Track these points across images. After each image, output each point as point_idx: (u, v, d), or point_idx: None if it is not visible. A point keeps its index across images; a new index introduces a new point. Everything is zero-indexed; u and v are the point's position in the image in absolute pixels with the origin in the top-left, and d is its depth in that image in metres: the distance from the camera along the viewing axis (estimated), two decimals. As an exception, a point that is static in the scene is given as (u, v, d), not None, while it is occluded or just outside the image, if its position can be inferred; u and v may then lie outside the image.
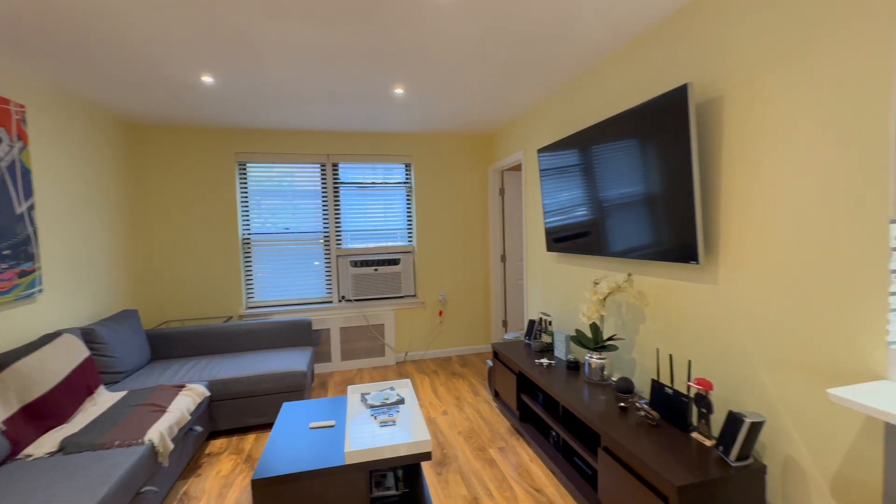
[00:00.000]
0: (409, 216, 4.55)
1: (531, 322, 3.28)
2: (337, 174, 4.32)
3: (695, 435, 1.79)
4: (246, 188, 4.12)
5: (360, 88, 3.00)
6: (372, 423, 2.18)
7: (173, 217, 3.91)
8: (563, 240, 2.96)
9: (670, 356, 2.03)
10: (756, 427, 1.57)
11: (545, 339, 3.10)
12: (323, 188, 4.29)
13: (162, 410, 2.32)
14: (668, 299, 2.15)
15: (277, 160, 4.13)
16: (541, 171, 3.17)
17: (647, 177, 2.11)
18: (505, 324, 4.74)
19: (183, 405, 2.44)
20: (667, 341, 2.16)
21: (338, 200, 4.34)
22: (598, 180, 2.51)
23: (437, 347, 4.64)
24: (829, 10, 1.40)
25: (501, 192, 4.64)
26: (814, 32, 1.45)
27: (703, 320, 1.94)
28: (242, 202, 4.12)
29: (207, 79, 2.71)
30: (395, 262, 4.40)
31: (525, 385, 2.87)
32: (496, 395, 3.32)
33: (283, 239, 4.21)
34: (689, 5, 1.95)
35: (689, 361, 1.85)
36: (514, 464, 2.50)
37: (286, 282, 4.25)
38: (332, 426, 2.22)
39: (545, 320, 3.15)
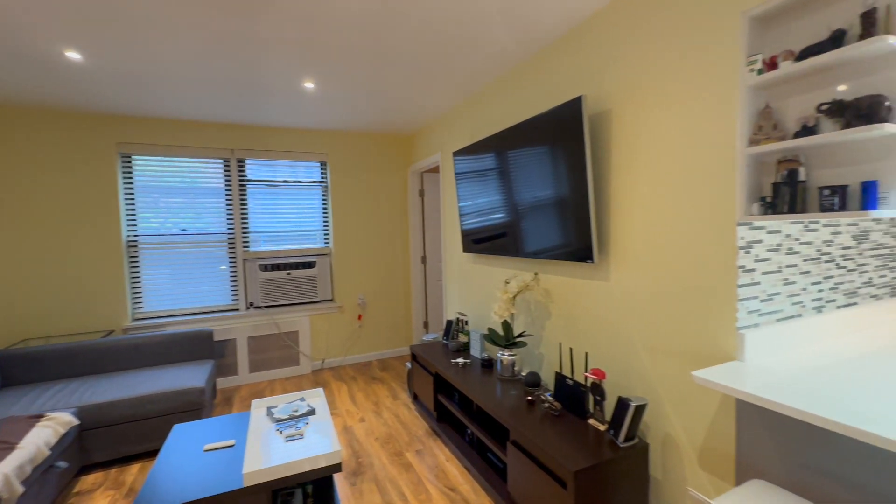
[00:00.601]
0: (325, 217, 4.36)
1: (449, 322, 3.32)
2: (243, 171, 3.99)
3: (591, 421, 1.94)
4: (132, 184, 3.63)
5: (266, 80, 2.80)
6: (277, 438, 2.03)
7: (34, 216, 3.30)
8: (479, 241, 3.04)
9: (570, 349, 2.17)
10: (640, 410, 1.73)
11: (462, 338, 3.16)
12: (227, 186, 3.93)
13: (9, 448, 1.93)
14: (569, 296, 2.30)
15: (171, 153, 3.70)
16: (456, 173, 3.22)
17: (550, 182, 2.24)
18: (426, 325, 4.75)
19: (39, 439, 2.06)
20: (569, 335, 2.31)
21: (244, 199, 4.01)
22: (507, 184, 2.61)
23: (356, 353, 4.50)
24: (691, 39, 1.60)
25: (421, 193, 4.65)
26: (679, 58, 1.65)
27: (598, 314, 2.11)
28: (127, 200, 3.62)
29: (73, 55, 2.33)
30: (310, 265, 4.19)
31: (442, 385, 2.89)
32: (415, 397, 3.31)
33: (178, 241, 3.78)
34: (583, 25, 2.11)
35: (586, 353, 1.99)
36: (431, 465, 2.50)
37: (184, 289, 3.82)
38: (232, 446, 2.03)
39: (462, 320, 3.21)
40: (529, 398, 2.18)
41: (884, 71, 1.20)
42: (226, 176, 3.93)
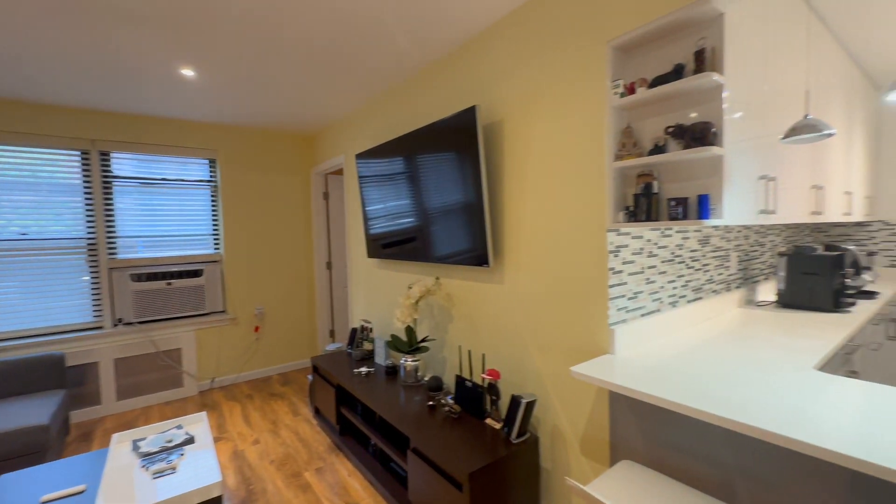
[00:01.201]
0: (215, 220, 3.94)
1: (353, 330, 3.20)
2: (108, 166, 3.43)
3: (488, 421, 2.00)
4: (-55, 177, 2.90)
5: (132, 61, 2.43)
6: (142, 476, 1.76)
7: None
8: (386, 246, 2.99)
9: (469, 352, 2.22)
10: (530, 406, 1.83)
11: (367, 346, 3.07)
12: (86, 183, 3.35)
13: None
14: (470, 299, 2.36)
15: (7, 140, 3.03)
16: (360, 177, 3.13)
17: (449, 188, 2.28)
18: (332, 334, 4.54)
19: None
20: (470, 337, 2.37)
21: (109, 199, 3.45)
22: (408, 189, 2.60)
23: (253, 368, 4.13)
24: (571, 60, 1.75)
25: (326, 196, 4.45)
26: (561, 77, 1.79)
27: (495, 316, 2.19)
28: (-62, 196, 2.88)
29: None
30: (196, 273, 3.74)
31: (344, 397, 2.77)
32: (317, 411, 3.13)
33: (18, 249, 3.11)
34: (478, 38, 2.19)
35: (483, 355, 2.06)
36: (332, 482, 2.37)
37: (29, 306, 3.15)
38: (81, 492, 1.71)
39: (366, 328, 3.12)
40: (431, 403, 2.18)
41: (712, 101, 1.42)
42: (84, 171, 3.34)
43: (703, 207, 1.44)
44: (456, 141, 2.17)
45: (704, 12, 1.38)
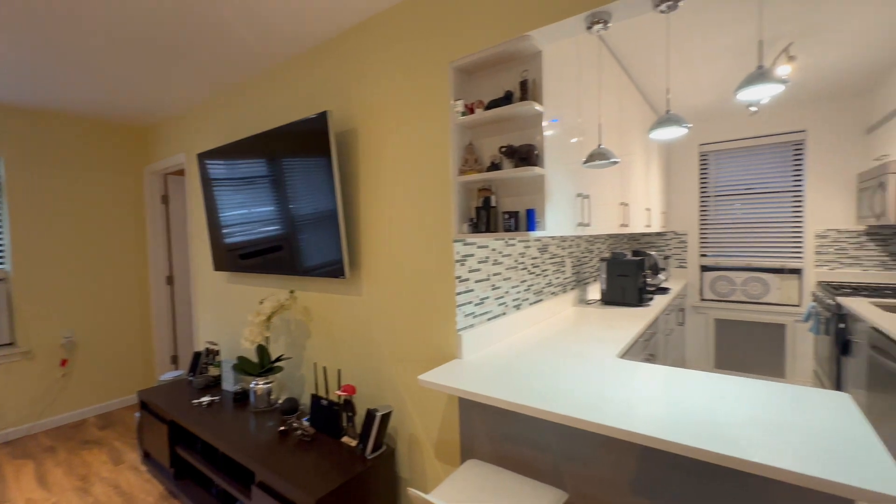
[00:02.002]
0: (-4, 227, 3.06)
1: (196, 355, 2.79)
2: None
3: (344, 439, 1.92)
4: None
5: None
6: None
7: None
8: (241, 257, 2.67)
9: (324, 368, 2.12)
10: (385, 418, 1.81)
11: (212, 372, 2.70)
12: None
13: None
14: (328, 313, 2.25)
15: None
16: (211, 179, 2.76)
17: (305, 196, 2.15)
18: (175, 360, 3.90)
19: None
20: (329, 353, 2.25)
21: None
22: (263, 195, 2.38)
23: (58, 412, 3.30)
24: (420, 76, 1.80)
25: (165, 199, 3.82)
26: (411, 91, 1.83)
27: (353, 329, 2.13)
28: None
29: None
30: (-37, 297, 2.84)
31: (180, 434, 2.38)
32: (147, 455, 2.63)
33: None
34: (331, 42, 2.13)
35: (339, 371, 1.98)
36: (161, 539, 2.00)
37: None
38: None
39: (212, 350, 2.75)
40: (283, 428, 2.01)
41: (534, 127, 1.61)
42: None
43: (530, 220, 1.61)
44: (309, 146, 2.06)
45: (525, 48, 1.55)
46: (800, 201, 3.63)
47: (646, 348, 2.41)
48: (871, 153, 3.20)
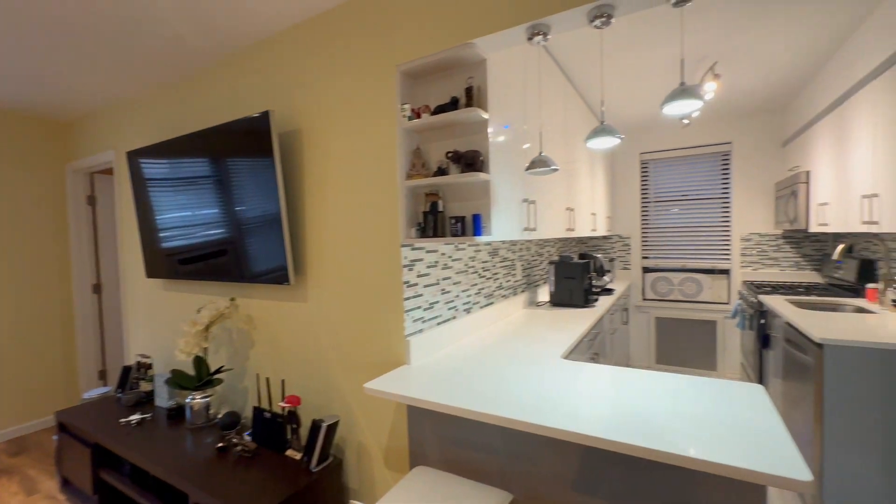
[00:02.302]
0: None
1: (125, 370, 2.58)
2: None
3: (289, 453, 1.84)
4: None
5: None
6: None
7: None
8: (178, 263, 2.49)
9: (267, 379, 2.03)
10: (332, 428, 1.75)
11: (144, 387, 2.51)
12: None
13: None
14: (272, 321, 2.16)
15: None
16: (145, 178, 2.56)
17: (247, 198, 2.05)
18: (103, 375, 3.58)
19: None
20: (274, 362, 2.16)
21: None
22: (204, 197, 2.25)
23: (-40, 439, 2.92)
24: (366, 77, 1.77)
25: (91, 200, 3.51)
26: (357, 92, 1.80)
27: (299, 337, 2.05)
28: None
29: None
30: None
31: (105, 458, 2.19)
32: (66, 482, 2.39)
33: None
34: (275, 38, 2.05)
35: (283, 381, 1.90)
36: (80, 574, 1.82)
37: None
38: None
39: (144, 364, 2.55)
40: (221, 445, 1.89)
41: (480, 133, 1.63)
42: None
43: (476, 225, 1.63)
44: (251, 146, 1.97)
45: (470, 55, 1.58)
46: (727, 207, 3.94)
47: (591, 347, 2.50)
48: (786, 164, 3.54)
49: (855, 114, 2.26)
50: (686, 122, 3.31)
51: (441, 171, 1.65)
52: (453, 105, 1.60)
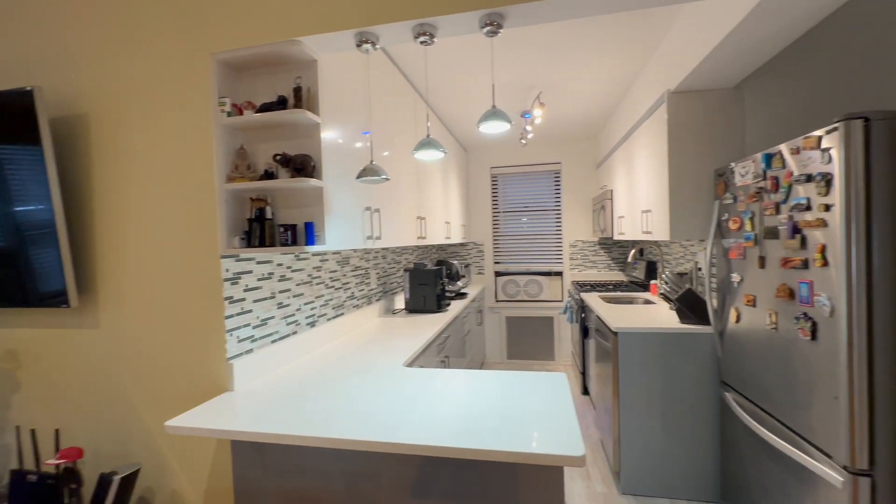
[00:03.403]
0: None
1: None
2: None
3: (65, 522, 1.45)
4: None
5: None
6: None
7: None
8: None
9: (33, 431, 1.58)
10: (129, 480, 1.44)
11: None
12: None
13: None
14: (46, 354, 1.69)
15: None
16: None
17: (3, 199, 1.57)
18: None
19: None
20: (46, 409, 1.69)
21: None
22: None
23: None
24: (174, 64, 1.52)
25: None
26: (163, 79, 1.53)
27: (86, 372, 1.65)
28: None
29: None
30: None
31: None
32: None
33: None
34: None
35: (57, 431, 1.49)
36: None
37: None
38: None
39: None
40: (-47, 531, 1.40)
41: (311, 137, 1.54)
42: None
43: (309, 234, 1.53)
44: (9, 130, 1.52)
45: (298, 53, 1.48)
46: (559, 218, 4.57)
47: (441, 351, 2.60)
48: (599, 183, 4.27)
49: (636, 146, 2.84)
50: (524, 141, 3.73)
51: (269, 175, 1.51)
52: (281, 104, 1.48)
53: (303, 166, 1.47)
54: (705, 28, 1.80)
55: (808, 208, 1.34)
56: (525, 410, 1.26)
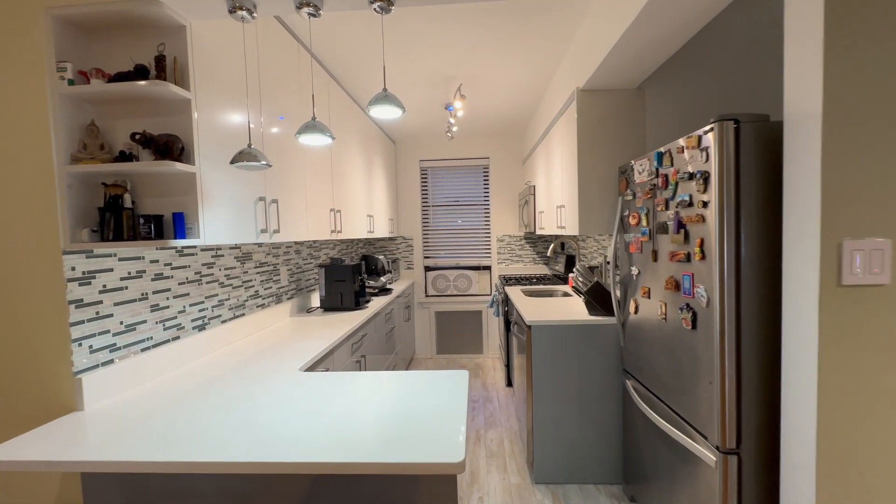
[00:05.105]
0: None
1: None
2: None
3: None
4: None
5: None
6: None
7: None
8: None
9: None
10: (-64, 529, 1.17)
11: None
12: None
13: None
14: None
15: None
16: None
17: None
18: None
19: None
20: None
21: None
22: None
23: None
24: (-7, 15, 1.24)
25: None
26: (-19, 34, 1.25)
27: None
28: None
29: None
30: None
31: None
32: None
33: None
34: None
35: None
36: None
37: None
38: None
39: None
40: None
41: (181, 115, 1.34)
42: None
43: (178, 226, 1.34)
44: None
45: (161, 16, 1.28)
46: (488, 213, 4.60)
47: (358, 350, 2.47)
48: (524, 179, 4.35)
49: (553, 143, 2.90)
50: (449, 135, 3.68)
51: (127, 157, 1.29)
52: (140, 75, 1.27)
53: (167, 148, 1.28)
54: (606, 26, 1.84)
55: (691, 204, 1.40)
56: (417, 413, 1.19)
